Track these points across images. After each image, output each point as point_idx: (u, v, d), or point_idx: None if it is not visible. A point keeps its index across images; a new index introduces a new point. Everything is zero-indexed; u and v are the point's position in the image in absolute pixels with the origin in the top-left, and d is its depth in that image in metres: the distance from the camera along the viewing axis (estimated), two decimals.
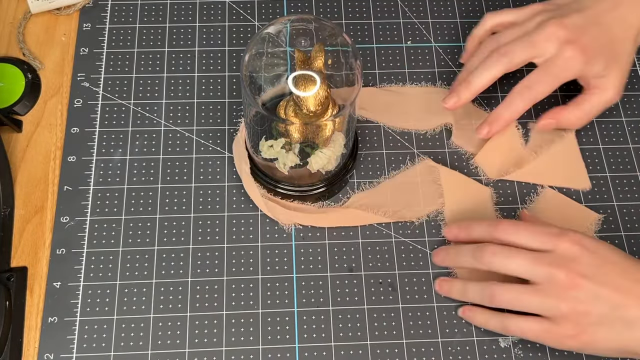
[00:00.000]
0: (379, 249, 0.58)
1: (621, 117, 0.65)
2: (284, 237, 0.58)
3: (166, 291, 0.55)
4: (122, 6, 0.67)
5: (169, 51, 0.66)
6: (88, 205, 0.58)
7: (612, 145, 0.63)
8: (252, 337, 0.54)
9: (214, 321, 0.55)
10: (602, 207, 0.60)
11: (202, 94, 0.64)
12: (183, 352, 0.53)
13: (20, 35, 0.65)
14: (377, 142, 0.62)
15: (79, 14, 0.67)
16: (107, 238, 0.57)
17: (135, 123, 0.62)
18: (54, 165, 0.60)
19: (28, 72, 0.62)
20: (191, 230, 0.58)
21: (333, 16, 0.68)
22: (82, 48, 0.65)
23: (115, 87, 0.63)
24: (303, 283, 0.56)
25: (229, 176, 0.60)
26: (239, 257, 0.57)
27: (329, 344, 0.54)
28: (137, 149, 0.61)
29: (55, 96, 0.63)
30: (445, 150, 0.62)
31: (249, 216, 0.59)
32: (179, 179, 0.60)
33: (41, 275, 0.56)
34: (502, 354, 0.54)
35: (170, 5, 0.68)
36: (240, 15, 0.68)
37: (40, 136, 0.61)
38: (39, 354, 0.53)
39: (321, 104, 0.51)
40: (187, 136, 0.62)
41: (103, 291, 0.55)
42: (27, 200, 0.58)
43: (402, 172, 0.60)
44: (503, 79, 0.61)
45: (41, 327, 0.54)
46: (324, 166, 0.56)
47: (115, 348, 0.53)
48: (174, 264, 0.56)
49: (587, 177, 0.61)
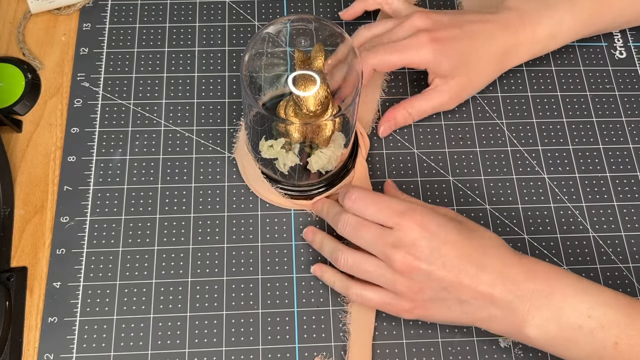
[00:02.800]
0: None
1: (621, 117, 0.65)
2: (284, 237, 0.58)
3: (166, 291, 0.55)
4: (122, 6, 0.67)
5: (169, 51, 0.66)
6: (88, 205, 0.58)
7: (612, 145, 0.63)
8: (252, 337, 0.54)
9: (214, 321, 0.55)
10: (602, 207, 0.61)
11: (202, 94, 0.64)
12: (183, 352, 0.53)
13: (20, 35, 0.65)
14: (377, 142, 0.62)
15: (79, 14, 0.67)
16: (107, 238, 0.57)
17: (135, 123, 0.62)
18: (54, 165, 0.60)
19: (28, 72, 0.62)
20: (191, 230, 0.58)
21: (333, 16, 0.68)
22: (82, 48, 0.65)
23: (115, 87, 0.63)
24: (303, 283, 0.56)
25: (229, 176, 0.60)
26: (239, 257, 0.57)
27: (329, 344, 0.54)
28: (137, 149, 0.61)
29: (55, 96, 0.63)
30: (446, 150, 0.62)
31: (249, 216, 0.59)
32: (179, 179, 0.60)
33: (41, 275, 0.55)
34: (502, 354, 0.54)
35: (170, 5, 0.68)
36: (240, 15, 0.68)
37: (40, 136, 0.61)
38: (39, 354, 0.53)
39: (321, 103, 0.51)
40: (187, 136, 0.62)
41: (103, 291, 0.55)
42: (27, 200, 0.58)
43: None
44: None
45: (41, 327, 0.54)
46: (324, 166, 0.56)
47: (115, 348, 0.53)
48: (174, 264, 0.56)
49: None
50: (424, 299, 0.50)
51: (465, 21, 0.60)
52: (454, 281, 0.48)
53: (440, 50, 0.58)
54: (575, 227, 0.60)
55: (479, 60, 0.60)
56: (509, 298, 0.48)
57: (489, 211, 0.60)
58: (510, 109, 0.65)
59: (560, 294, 0.48)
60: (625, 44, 0.69)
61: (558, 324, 0.47)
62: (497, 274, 0.48)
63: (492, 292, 0.48)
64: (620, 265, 0.58)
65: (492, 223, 0.59)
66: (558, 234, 0.59)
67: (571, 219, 0.60)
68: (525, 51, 0.62)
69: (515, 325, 0.49)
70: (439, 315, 0.51)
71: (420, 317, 0.52)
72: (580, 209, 0.61)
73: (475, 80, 0.62)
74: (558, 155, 0.63)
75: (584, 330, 0.47)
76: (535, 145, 0.63)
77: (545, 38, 0.61)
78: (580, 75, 0.67)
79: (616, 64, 0.68)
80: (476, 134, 0.63)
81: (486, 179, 0.61)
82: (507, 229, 0.59)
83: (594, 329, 0.47)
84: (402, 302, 0.51)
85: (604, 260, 0.59)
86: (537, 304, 0.48)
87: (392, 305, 0.51)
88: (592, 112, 0.65)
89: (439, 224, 0.50)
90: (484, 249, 0.50)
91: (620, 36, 0.69)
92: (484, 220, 0.60)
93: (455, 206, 0.60)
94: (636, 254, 0.59)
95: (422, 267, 0.49)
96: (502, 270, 0.49)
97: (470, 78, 0.61)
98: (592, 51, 0.68)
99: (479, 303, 0.49)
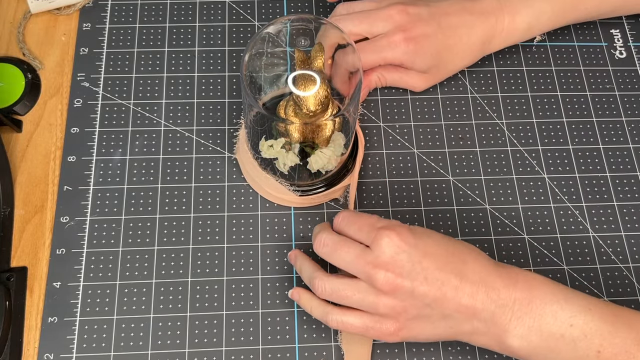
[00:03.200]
0: None
1: (621, 117, 0.65)
2: (284, 237, 0.58)
3: (166, 291, 0.55)
4: (122, 6, 0.67)
5: (169, 51, 0.66)
6: (88, 205, 0.58)
7: (612, 145, 0.63)
8: (252, 337, 0.54)
9: (214, 321, 0.55)
10: (602, 207, 0.61)
11: (202, 94, 0.64)
12: (183, 352, 0.53)
13: (20, 35, 0.65)
14: (377, 142, 0.62)
15: (79, 14, 0.67)
16: (107, 238, 0.57)
17: (135, 123, 0.62)
18: (54, 165, 0.60)
19: (28, 72, 0.62)
20: (191, 230, 0.58)
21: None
22: (82, 48, 0.65)
23: (115, 87, 0.63)
24: (303, 283, 0.56)
25: (229, 176, 0.60)
26: (239, 257, 0.57)
27: (329, 344, 0.54)
28: (137, 149, 0.61)
29: (55, 96, 0.63)
30: (446, 150, 0.62)
31: (249, 216, 0.59)
32: (179, 179, 0.60)
33: (41, 275, 0.55)
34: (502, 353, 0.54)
35: (170, 5, 0.68)
36: (240, 15, 0.68)
37: (40, 136, 0.61)
38: (39, 354, 0.53)
39: (321, 103, 0.51)
40: (187, 136, 0.62)
41: (103, 291, 0.55)
42: (27, 200, 0.58)
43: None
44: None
45: (41, 327, 0.54)
46: (324, 166, 0.56)
47: (115, 348, 0.53)
48: (174, 264, 0.56)
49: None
50: (408, 318, 0.48)
51: (444, 13, 0.60)
52: (437, 295, 0.47)
53: (414, 51, 0.59)
54: (575, 227, 0.60)
55: (456, 54, 0.61)
56: (491, 308, 0.47)
57: (489, 211, 0.60)
58: (510, 109, 0.65)
59: (541, 301, 0.47)
60: (625, 44, 0.69)
61: (540, 334, 0.46)
62: (478, 284, 0.47)
63: (474, 304, 0.47)
64: (620, 265, 0.58)
65: (492, 223, 0.59)
66: (558, 234, 0.59)
67: (571, 219, 0.60)
68: (502, 40, 0.63)
69: (498, 336, 0.47)
70: (424, 333, 0.49)
71: (405, 338, 0.49)
72: (580, 209, 0.61)
73: (449, 70, 0.63)
74: (558, 155, 0.63)
75: (566, 339, 0.46)
76: (535, 145, 0.63)
77: (523, 28, 0.62)
78: (580, 75, 0.67)
79: (616, 64, 0.68)
80: (476, 134, 0.63)
81: (486, 179, 0.61)
82: (507, 229, 0.59)
83: (576, 337, 0.46)
84: (386, 325, 0.49)
85: (604, 260, 0.59)
86: (519, 314, 0.46)
87: (375, 329, 0.49)
88: (592, 112, 0.65)
89: (416, 236, 0.48)
90: (464, 257, 0.48)
91: (620, 36, 0.69)
92: (484, 220, 0.60)
93: (455, 206, 0.60)
94: (636, 254, 0.59)
95: (405, 284, 0.47)
96: (483, 279, 0.47)
97: (444, 71, 0.63)
98: (592, 51, 0.68)
99: (462, 316, 0.47)
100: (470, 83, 0.66)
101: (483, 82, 0.66)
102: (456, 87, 0.66)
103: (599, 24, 0.70)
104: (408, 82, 0.63)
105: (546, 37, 0.68)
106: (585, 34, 0.69)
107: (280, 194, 0.58)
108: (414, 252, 0.47)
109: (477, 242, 0.58)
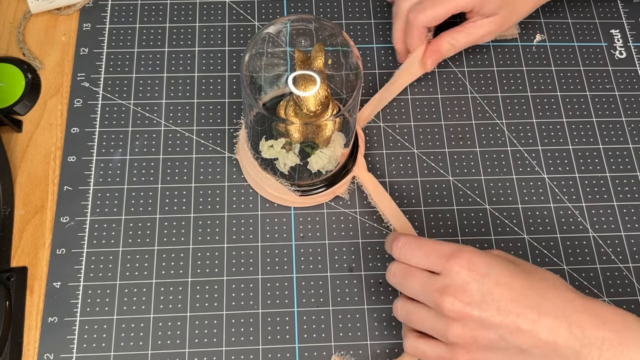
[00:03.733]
0: (379, 249, 0.58)
1: (621, 117, 0.65)
2: (284, 237, 0.58)
3: (166, 291, 0.55)
4: (122, 6, 0.67)
5: (169, 51, 0.66)
6: (88, 205, 0.58)
7: (612, 145, 0.63)
8: (252, 337, 0.54)
9: (214, 321, 0.55)
10: (602, 207, 0.61)
11: (202, 94, 0.64)
12: (183, 352, 0.53)
13: (20, 35, 0.65)
14: (377, 142, 0.62)
15: (79, 14, 0.67)
16: (107, 238, 0.57)
17: (135, 123, 0.62)
18: (54, 165, 0.60)
19: (28, 72, 0.62)
20: (191, 230, 0.58)
21: (333, 16, 0.68)
22: (82, 48, 0.65)
23: (115, 87, 0.63)
24: (303, 283, 0.56)
25: (229, 176, 0.60)
26: (239, 257, 0.57)
27: (329, 344, 0.54)
28: (137, 149, 0.61)
29: (55, 96, 0.63)
30: (446, 150, 0.62)
31: (249, 216, 0.59)
32: (179, 179, 0.60)
33: (41, 275, 0.55)
34: None
35: (170, 5, 0.68)
36: (240, 15, 0.68)
37: (40, 136, 0.61)
38: (39, 354, 0.53)
39: (321, 103, 0.51)
40: (187, 136, 0.62)
41: (103, 291, 0.55)
42: (27, 200, 0.58)
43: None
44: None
45: (41, 327, 0.54)
46: (324, 166, 0.56)
47: (115, 348, 0.53)
48: (174, 264, 0.56)
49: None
50: (480, 349, 0.45)
51: None
52: (511, 328, 0.44)
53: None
54: (575, 227, 0.60)
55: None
56: (575, 346, 0.43)
57: (489, 211, 0.60)
58: (510, 109, 0.65)
59: (634, 344, 0.43)
60: (625, 44, 0.69)
61: None
62: (560, 319, 0.44)
63: (556, 340, 0.44)
64: (620, 265, 0.58)
65: (492, 223, 0.60)
66: (558, 234, 0.59)
67: (571, 219, 0.60)
68: None
69: None
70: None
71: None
72: (580, 209, 0.61)
73: (515, 15, 0.62)
74: (558, 155, 0.63)
75: None
76: (535, 145, 0.63)
77: None
78: (580, 75, 0.67)
79: (616, 64, 0.68)
80: (476, 134, 0.63)
81: (486, 179, 0.61)
82: (507, 229, 0.59)
83: None
84: (458, 354, 0.46)
85: (604, 260, 0.59)
86: (608, 355, 0.43)
87: (447, 359, 0.47)
88: (592, 112, 0.65)
89: (489, 264, 0.46)
90: (543, 290, 0.45)
91: (620, 36, 0.69)
92: (484, 220, 0.60)
93: (455, 206, 0.60)
94: (636, 254, 0.59)
95: (473, 313, 0.45)
96: (565, 315, 0.44)
97: (510, 14, 0.61)
98: (592, 51, 0.68)
99: (541, 352, 0.44)
100: (470, 83, 0.66)
101: (483, 82, 0.66)
102: (456, 87, 0.66)
103: (599, 24, 0.70)
104: (479, 33, 0.62)
105: (546, 37, 0.68)
106: (585, 34, 0.69)
107: (280, 194, 0.58)
108: (485, 281, 0.45)
109: (477, 242, 0.58)
